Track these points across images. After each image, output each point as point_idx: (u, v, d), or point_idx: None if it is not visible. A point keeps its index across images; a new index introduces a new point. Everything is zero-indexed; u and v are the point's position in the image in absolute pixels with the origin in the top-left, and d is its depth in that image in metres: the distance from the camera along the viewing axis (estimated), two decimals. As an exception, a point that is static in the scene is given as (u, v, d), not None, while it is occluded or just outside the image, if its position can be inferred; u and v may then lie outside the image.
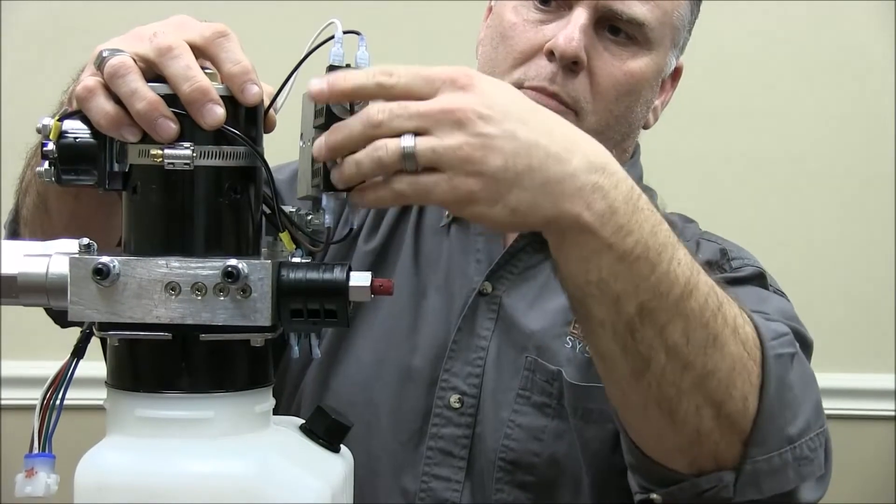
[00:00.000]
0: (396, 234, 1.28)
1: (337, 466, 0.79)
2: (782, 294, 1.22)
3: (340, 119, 0.80)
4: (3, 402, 2.00)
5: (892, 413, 2.12)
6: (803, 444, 0.95)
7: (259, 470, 0.73)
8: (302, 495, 0.73)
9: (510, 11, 1.21)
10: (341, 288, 0.75)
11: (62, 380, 0.77)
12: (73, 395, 0.77)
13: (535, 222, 0.81)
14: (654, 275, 0.83)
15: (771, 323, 0.97)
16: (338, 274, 0.75)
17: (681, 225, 1.29)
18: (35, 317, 1.00)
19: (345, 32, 0.79)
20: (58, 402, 0.77)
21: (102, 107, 0.76)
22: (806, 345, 1.13)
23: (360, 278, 0.76)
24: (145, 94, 0.75)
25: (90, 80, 0.78)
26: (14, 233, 1.12)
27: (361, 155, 0.78)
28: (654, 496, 0.97)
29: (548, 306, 1.20)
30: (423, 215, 1.28)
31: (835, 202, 2.14)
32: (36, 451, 0.76)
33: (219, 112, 0.75)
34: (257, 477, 0.72)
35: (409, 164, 0.77)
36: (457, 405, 1.18)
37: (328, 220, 0.80)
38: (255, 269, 0.73)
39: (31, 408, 0.77)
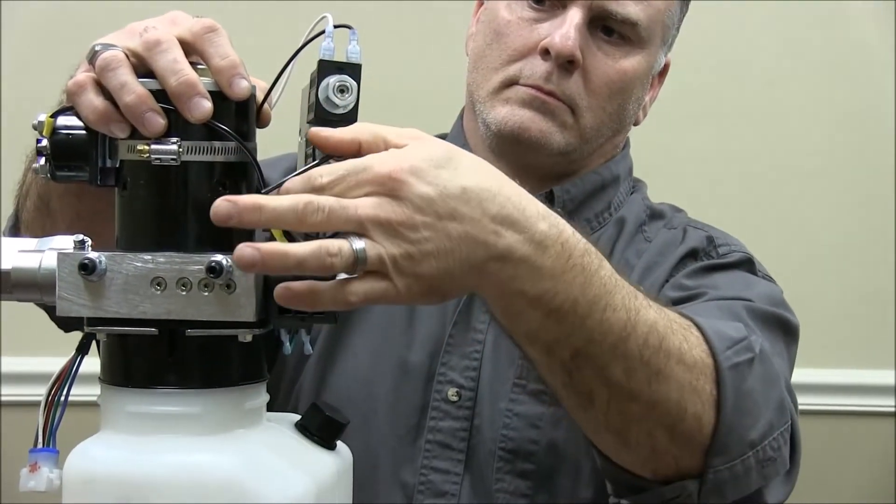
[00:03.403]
0: None
1: (328, 463, 0.79)
2: (770, 279, 1.22)
3: (331, 115, 0.78)
4: (3, 399, 2.00)
5: (893, 409, 2.11)
6: (766, 446, 0.95)
7: (242, 464, 0.73)
8: (285, 490, 0.72)
9: (504, 9, 1.21)
10: None
11: (67, 376, 0.77)
12: (77, 392, 0.77)
13: (458, 294, 0.81)
14: (584, 326, 0.83)
15: (726, 327, 0.96)
16: None
17: (670, 214, 1.30)
18: (34, 313, 0.99)
19: (336, 27, 0.79)
20: (62, 398, 0.77)
21: (91, 102, 0.76)
22: (790, 330, 1.14)
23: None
24: (134, 88, 0.75)
25: (81, 75, 0.78)
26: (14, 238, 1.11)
27: (308, 256, 0.72)
28: (623, 502, 0.98)
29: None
30: None
31: (835, 199, 2.13)
32: (40, 446, 0.76)
33: (206, 105, 0.74)
34: (239, 470, 0.72)
35: (359, 267, 0.73)
36: (454, 398, 1.18)
37: None
38: None
39: (30, 404, 0.77)
